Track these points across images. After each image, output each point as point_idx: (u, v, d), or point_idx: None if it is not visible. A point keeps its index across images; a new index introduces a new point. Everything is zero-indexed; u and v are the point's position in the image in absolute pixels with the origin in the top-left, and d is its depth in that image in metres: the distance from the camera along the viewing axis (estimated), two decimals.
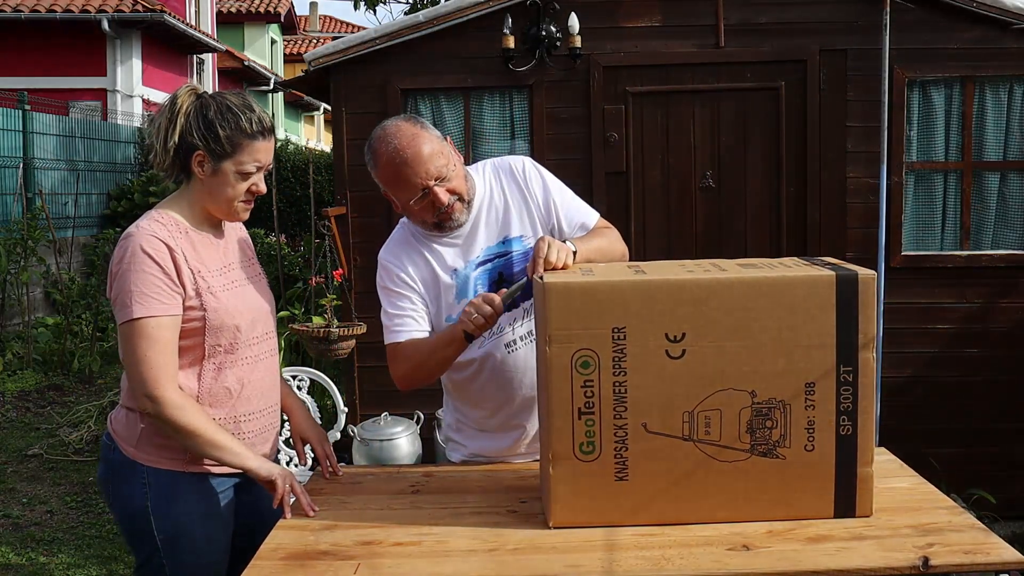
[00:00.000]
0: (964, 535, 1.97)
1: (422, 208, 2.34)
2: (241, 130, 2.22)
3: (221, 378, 2.28)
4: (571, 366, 1.99)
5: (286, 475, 2.24)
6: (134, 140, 13.91)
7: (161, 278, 2.17)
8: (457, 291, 2.42)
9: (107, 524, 5.06)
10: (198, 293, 2.22)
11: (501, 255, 2.43)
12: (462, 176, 2.37)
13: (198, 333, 2.24)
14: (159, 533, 2.28)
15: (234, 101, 2.25)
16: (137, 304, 2.15)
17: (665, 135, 4.90)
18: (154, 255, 2.17)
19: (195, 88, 2.30)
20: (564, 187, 2.51)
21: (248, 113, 2.24)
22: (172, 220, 2.26)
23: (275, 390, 2.45)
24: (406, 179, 2.30)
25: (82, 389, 7.84)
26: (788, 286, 1.99)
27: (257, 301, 2.37)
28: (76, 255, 10.23)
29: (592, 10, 4.81)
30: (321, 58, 4.88)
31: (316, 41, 28.15)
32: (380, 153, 2.32)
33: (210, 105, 2.24)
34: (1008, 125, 4.87)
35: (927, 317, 4.88)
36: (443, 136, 2.37)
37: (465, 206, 2.38)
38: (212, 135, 2.21)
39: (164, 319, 2.17)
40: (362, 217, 4.90)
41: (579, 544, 1.97)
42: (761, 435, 2.01)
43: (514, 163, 2.48)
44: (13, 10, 14.50)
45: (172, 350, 2.19)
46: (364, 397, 4.95)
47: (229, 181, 2.25)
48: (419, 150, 2.28)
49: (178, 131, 2.22)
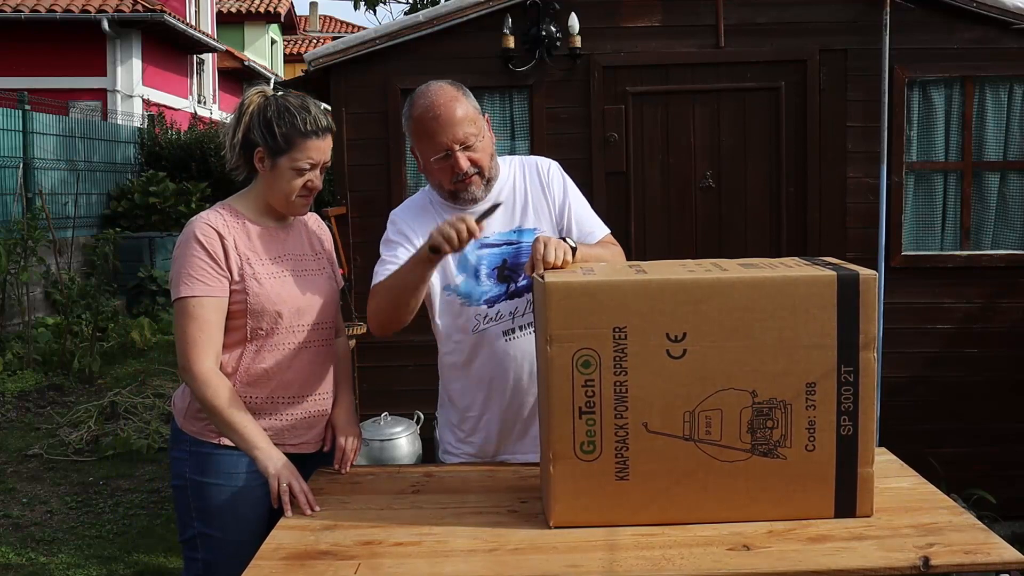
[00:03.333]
0: (964, 535, 1.97)
1: (441, 169, 2.38)
2: (296, 128, 2.36)
3: (259, 359, 2.40)
4: (572, 365, 1.99)
5: (284, 473, 2.28)
6: (134, 140, 13.91)
7: (208, 262, 2.34)
8: (459, 262, 2.45)
9: (107, 524, 5.06)
10: (243, 278, 2.37)
11: (511, 243, 2.45)
12: (488, 152, 2.41)
13: (241, 315, 2.38)
14: (194, 502, 2.41)
15: (292, 102, 2.39)
16: (184, 284, 2.34)
17: (665, 135, 4.90)
18: (204, 241, 2.35)
19: (264, 90, 2.46)
20: (583, 197, 2.55)
21: (303, 113, 2.37)
22: (232, 211, 2.44)
23: (322, 380, 2.52)
24: (433, 135, 2.35)
25: (82, 389, 7.84)
26: (789, 286, 1.99)
27: (307, 291, 2.46)
28: (76, 255, 10.23)
29: (592, 10, 4.81)
30: (321, 58, 4.88)
31: (316, 41, 28.15)
32: (416, 105, 2.38)
33: (271, 104, 2.39)
34: (1008, 125, 4.86)
35: (927, 317, 4.88)
36: (482, 112, 2.43)
37: (484, 182, 2.42)
38: (270, 132, 2.37)
39: (206, 300, 2.33)
40: (362, 217, 4.89)
41: (579, 544, 1.97)
42: (762, 435, 2.01)
43: (540, 162, 2.55)
44: (13, 10, 14.51)
45: (213, 328, 2.34)
46: (364, 397, 4.94)
47: (286, 176, 2.39)
48: (452, 111, 2.34)
49: (242, 129, 2.40)
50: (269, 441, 2.35)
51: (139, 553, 4.65)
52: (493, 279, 2.45)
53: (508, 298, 2.45)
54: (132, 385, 7.55)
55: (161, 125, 14.75)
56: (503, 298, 2.45)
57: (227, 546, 2.39)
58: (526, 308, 2.45)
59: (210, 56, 19.82)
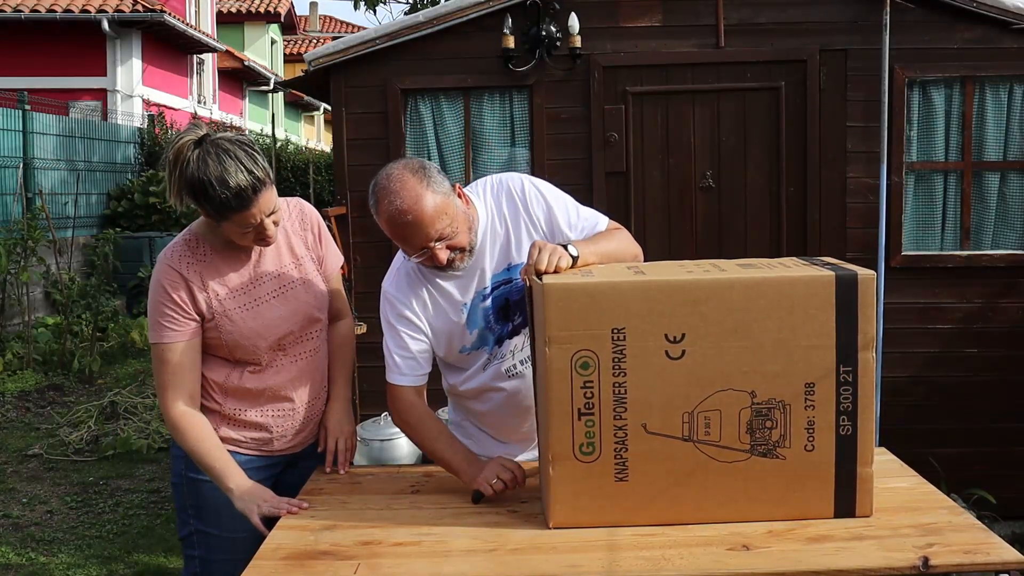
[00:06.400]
0: (964, 535, 1.97)
1: (422, 261, 2.32)
2: (226, 204, 2.21)
3: (243, 380, 2.41)
4: (571, 367, 1.99)
5: (254, 507, 2.29)
6: (134, 140, 13.91)
7: (173, 308, 2.34)
8: (467, 322, 2.40)
9: (107, 524, 5.06)
10: (214, 316, 2.35)
11: (506, 282, 2.40)
12: (466, 228, 2.30)
13: (220, 347, 2.39)
14: (190, 499, 2.44)
15: (212, 172, 2.19)
16: (153, 331, 2.37)
17: (665, 135, 4.90)
18: (168, 288, 2.34)
19: (194, 135, 2.25)
20: (566, 199, 2.43)
21: (224, 192, 2.19)
22: (198, 241, 2.39)
23: (315, 386, 2.51)
24: (407, 239, 2.26)
25: (82, 389, 7.84)
26: (788, 286, 1.99)
27: (287, 313, 2.42)
28: (76, 255, 10.22)
29: (592, 10, 4.81)
30: (321, 58, 4.88)
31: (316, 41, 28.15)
32: (382, 209, 2.25)
33: (197, 170, 2.20)
34: (1008, 125, 4.86)
35: (927, 317, 4.87)
36: (451, 187, 2.29)
37: (468, 254, 2.33)
38: (202, 206, 2.26)
39: (175, 345, 2.34)
40: (362, 217, 4.88)
41: (579, 544, 1.97)
42: (761, 435, 2.01)
43: (512, 185, 2.41)
44: (13, 10, 14.50)
45: (185, 370, 2.36)
46: (364, 397, 4.94)
47: (235, 233, 2.31)
48: (421, 213, 2.20)
49: (182, 190, 2.26)
50: (240, 476, 2.35)
51: (139, 553, 4.65)
52: (499, 320, 2.42)
53: (510, 337, 2.43)
54: (132, 385, 7.54)
55: (161, 125, 14.74)
56: (507, 336, 2.44)
57: (223, 543, 2.41)
58: (523, 343, 2.43)
59: (210, 56, 19.80)
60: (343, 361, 2.61)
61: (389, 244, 3.42)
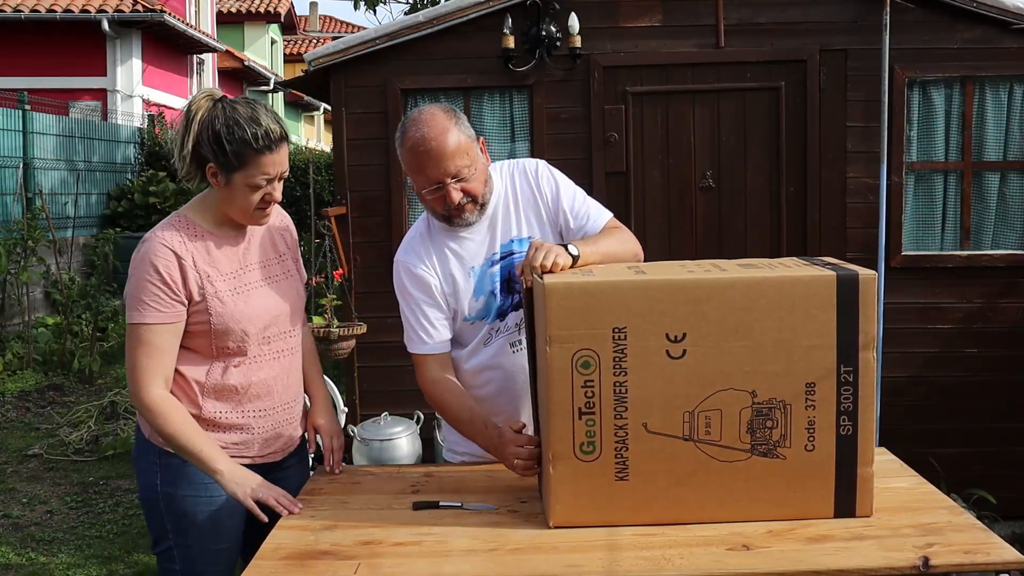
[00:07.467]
0: (964, 535, 1.97)
1: (434, 199, 2.37)
2: (247, 144, 2.24)
3: (227, 376, 2.34)
4: (571, 366, 1.99)
5: (247, 490, 2.26)
6: (134, 140, 13.91)
7: (162, 288, 2.25)
8: (474, 288, 2.45)
9: (107, 524, 5.06)
10: (204, 297, 2.29)
11: (511, 253, 2.45)
12: (482, 179, 2.38)
13: (205, 335, 2.31)
14: (167, 515, 2.35)
15: (241, 113, 2.25)
16: (136, 310, 2.27)
17: (665, 135, 4.89)
18: (159, 266, 2.25)
19: (211, 94, 2.32)
20: (577, 189, 2.53)
21: (253, 127, 2.24)
22: (189, 223, 2.33)
23: (292, 386, 2.48)
24: (424, 168, 2.32)
25: (82, 389, 7.84)
26: (788, 286, 1.99)
27: (273, 303, 2.40)
28: (76, 255, 10.22)
29: (592, 10, 4.81)
30: (321, 58, 4.88)
31: (316, 41, 28.14)
32: (408, 136, 2.34)
33: (219, 116, 2.26)
34: (1008, 125, 4.86)
35: (927, 317, 4.87)
36: (476, 136, 2.39)
37: (478, 208, 2.39)
38: (220, 149, 2.25)
39: (158, 327, 2.26)
40: (362, 217, 4.89)
41: (579, 544, 1.97)
42: (761, 435, 2.01)
43: (528, 164, 2.53)
44: (13, 10, 14.50)
45: (164, 355, 2.28)
46: (364, 397, 4.94)
47: (241, 192, 2.29)
48: (444, 145, 2.30)
49: (191, 140, 2.27)
50: (228, 460, 2.30)
51: (139, 553, 4.64)
52: (503, 292, 2.45)
53: (514, 309, 2.46)
54: None
55: (161, 125, 14.74)
56: (510, 309, 2.47)
57: (206, 555, 2.36)
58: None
59: (210, 56, 19.80)
60: (313, 367, 2.60)
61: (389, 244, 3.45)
